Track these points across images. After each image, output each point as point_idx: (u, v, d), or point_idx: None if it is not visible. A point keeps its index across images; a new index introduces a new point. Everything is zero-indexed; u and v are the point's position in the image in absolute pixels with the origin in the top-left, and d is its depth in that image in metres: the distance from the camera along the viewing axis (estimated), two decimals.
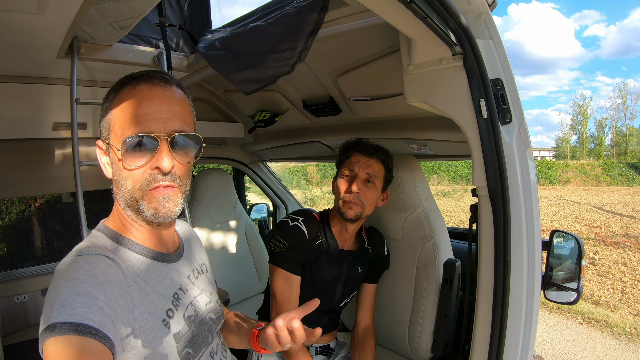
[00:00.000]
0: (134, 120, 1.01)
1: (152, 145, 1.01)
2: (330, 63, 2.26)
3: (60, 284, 0.89)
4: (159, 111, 1.02)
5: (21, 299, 3.07)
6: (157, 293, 1.07)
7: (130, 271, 1.03)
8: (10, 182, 2.98)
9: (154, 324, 1.01)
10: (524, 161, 1.48)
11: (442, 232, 2.34)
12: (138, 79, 1.05)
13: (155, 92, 1.04)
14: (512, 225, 1.48)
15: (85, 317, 0.84)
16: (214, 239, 3.65)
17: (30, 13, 1.55)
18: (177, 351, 1.06)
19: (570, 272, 2.07)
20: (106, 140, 1.07)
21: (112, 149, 1.05)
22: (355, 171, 2.02)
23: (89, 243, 1.06)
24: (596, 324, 6.93)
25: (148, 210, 1.03)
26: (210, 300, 1.33)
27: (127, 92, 1.04)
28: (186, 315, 1.14)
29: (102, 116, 1.09)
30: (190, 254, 1.32)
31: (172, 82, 1.09)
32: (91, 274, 0.91)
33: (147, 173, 1.02)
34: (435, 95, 1.60)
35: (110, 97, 1.07)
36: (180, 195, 1.08)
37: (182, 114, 1.07)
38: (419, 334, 2.29)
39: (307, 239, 2.03)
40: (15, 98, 2.47)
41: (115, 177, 1.08)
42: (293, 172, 26.79)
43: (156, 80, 1.06)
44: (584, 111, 40.99)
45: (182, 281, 1.19)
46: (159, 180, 1.02)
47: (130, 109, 1.02)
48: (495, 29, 1.51)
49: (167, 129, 1.02)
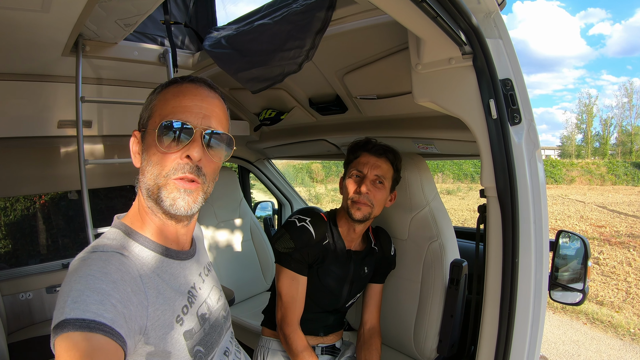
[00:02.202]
0: (175, 109, 1.07)
1: (187, 135, 1.05)
2: (337, 61, 2.24)
3: (74, 280, 0.89)
4: (199, 107, 1.08)
5: (26, 297, 3.08)
6: (173, 289, 1.08)
7: (145, 268, 1.03)
8: (15, 180, 2.99)
9: (167, 321, 1.01)
10: (533, 162, 1.47)
11: (449, 232, 2.32)
12: (185, 80, 1.13)
13: (199, 90, 1.11)
14: (520, 227, 1.47)
15: (97, 314, 0.84)
16: (219, 237, 3.65)
17: (36, 11, 1.55)
18: (188, 349, 1.06)
19: (576, 273, 2.06)
20: (143, 128, 1.12)
21: (148, 133, 1.08)
22: (364, 172, 2.00)
23: (104, 240, 1.06)
24: (600, 324, 6.92)
25: (167, 199, 1.05)
26: (220, 297, 1.35)
27: (172, 88, 1.11)
28: (199, 313, 1.15)
29: (144, 108, 1.15)
30: (200, 252, 1.33)
31: (216, 89, 1.17)
32: (105, 271, 0.91)
33: (176, 162, 1.05)
34: (444, 95, 1.59)
35: (156, 92, 1.14)
36: (202, 193, 1.10)
37: (220, 116, 1.13)
38: (424, 334, 2.27)
39: (314, 240, 2.02)
40: (21, 96, 2.47)
41: (143, 164, 1.10)
42: (297, 169, 26.79)
43: (202, 83, 1.14)
44: (590, 110, 40.86)
45: (195, 279, 1.20)
46: (186, 170, 1.05)
47: (173, 100, 1.08)
48: (504, 28, 1.50)
49: (203, 124, 1.07)
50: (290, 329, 2.02)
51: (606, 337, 6.46)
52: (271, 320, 2.23)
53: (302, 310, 2.06)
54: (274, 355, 2.18)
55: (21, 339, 2.89)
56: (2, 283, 3.03)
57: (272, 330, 2.23)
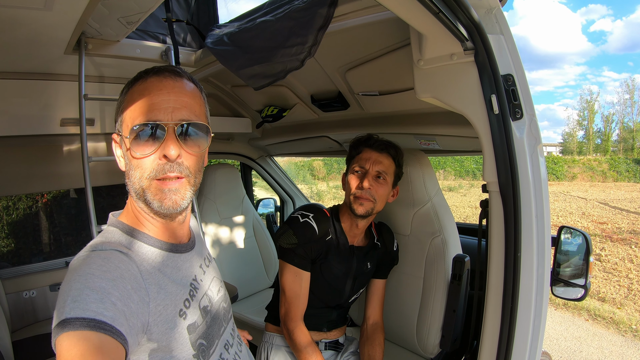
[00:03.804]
0: (142, 110, 1.03)
1: (160, 134, 1.02)
2: (339, 58, 2.25)
3: (73, 279, 0.88)
4: (167, 101, 1.04)
5: (30, 295, 3.09)
6: (175, 283, 1.07)
7: (145, 264, 1.03)
8: (18, 179, 3.00)
9: (170, 316, 1.01)
10: (534, 157, 1.48)
11: (451, 227, 2.33)
12: (149, 73, 1.07)
13: (164, 83, 1.05)
14: (522, 221, 1.47)
15: (97, 313, 0.84)
16: (222, 234, 3.66)
17: (38, 9, 1.55)
18: (191, 343, 1.06)
19: (578, 269, 2.07)
20: (119, 132, 1.09)
21: (123, 137, 1.06)
22: (366, 167, 2.01)
23: (103, 239, 1.06)
24: (602, 320, 6.91)
25: (154, 201, 1.03)
26: (220, 288, 1.35)
27: (138, 85, 1.06)
28: (201, 306, 1.15)
29: (117, 110, 1.11)
30: (199, 244, 1.33)
31: (182, 75, 1.10)
32: (104, 269, 0.91)
33: (155, 163, 1.02)
34: (446, 91, 1.59)
35: (124, 92, 1.10)
36: (189, 187, 1.07)
37: (191, 104, 1.08)
38: (427, 330, 2.28)
39: (318, 235, 2.03)
40: (23, 94, 2.48)
41: (127, 168, 1.08)
42: (299, 166, 26.72)
43: (166, 73, 1.07)
44: (591, 106, 40.72)
45: (195, 271, 1.20)
46: (166, 170, 1.02)
47: (140, 100, 1.04)
48: (506, 24, 1.50)
49: (174, 118, 1.03)
50: (293, 324, 2.03)
51: (608, 333, 6.45)
52: (274, 316, 2.24)
53: (305, 306, 2.06)
54: (278, 351, 2.19)
55: (25, 337, 2.90)
56: (6, 281, 3.04)
57: (276, 326, 2.24)
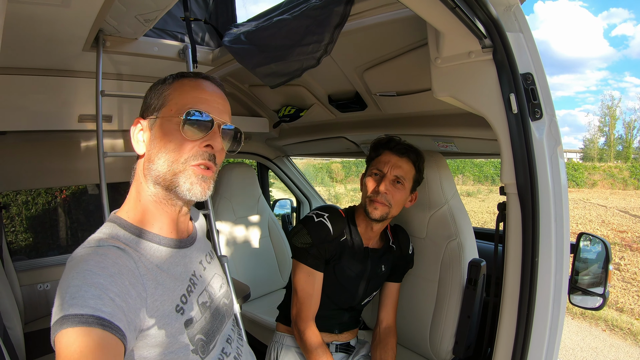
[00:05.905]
0: (197, 100, 1.11)
1: (208, 125, 1.10)
2: (356, 57, 2.23)
3: (71, 276, 0.89)
4: (217, 102, 1.15)
5: (44, 287, 3.14)
6: (173, 278, 1.08)
7: (144, 260, 1.04)
8: (36, 173, 3.05)
9: (167, 311, 1.02)
10: (554, 159, 1.44)
11: (468, 231, 2.29)
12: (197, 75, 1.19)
13: (213, 88, 1.17)
14: (541, 225, 1.43)
15: (96, 309, 0.84)
16: (237, 232, 3.67)
17: (56, 6, 1.57)
18: (189, 338, 1.06)
19: (597, 277, 2.02)
20: (153, 116, 1.13)
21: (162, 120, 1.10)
22: (384, 171, 1.98)
23: (101, 235, 1.07)
24: (620, 331, 6.79)
25: (185, 184, 1.08)
26: (222, 283, 1.36)
27: (188, 81, 1.16)
28: (200, 302, 1.16)
29: (151, 96, 1.17)
30: (200, 240, 1.34)
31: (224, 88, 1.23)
32: (102, 266, 0.92)
33: (196, 149, 1.09)
34: (464, 90, 1.56)
35: (168, 82, 1.17)
36: (212, 182, 1.14)
37: (230, 113, 1.20)
38: (440, 335, 2.25)
39: (332, 236, 2.01)
40: (42, 91, 2.52)
41: (152, 151, 1.11)
42: (317, 169, 26.78)
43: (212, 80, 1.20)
44: (613, 112, 40.07)
45: (195, 267, 1.21)
46: (205, 157, 1.09)
47: (193, 92, 1.13)
48: (525, 22, 1.47)
49: (220, 118, 1.13)
50: (304, 325, 2.01)
51: (625, 344, 6.34)
52: (286, 316, 2.23)
53: (317, 307, 2.05)
54: (288, 351, 2.18)
55: (37, 329, 2.94)
56: (21, 274, 3.09)
57: (287, 326, 2.23)
